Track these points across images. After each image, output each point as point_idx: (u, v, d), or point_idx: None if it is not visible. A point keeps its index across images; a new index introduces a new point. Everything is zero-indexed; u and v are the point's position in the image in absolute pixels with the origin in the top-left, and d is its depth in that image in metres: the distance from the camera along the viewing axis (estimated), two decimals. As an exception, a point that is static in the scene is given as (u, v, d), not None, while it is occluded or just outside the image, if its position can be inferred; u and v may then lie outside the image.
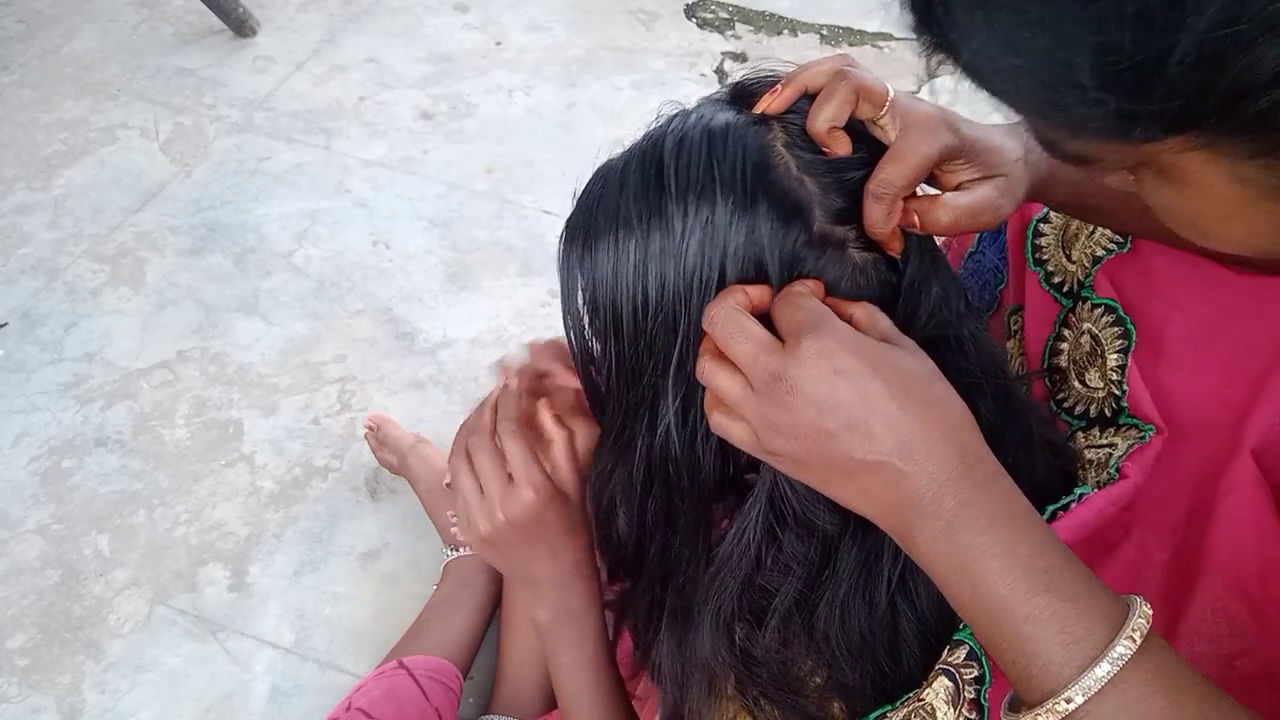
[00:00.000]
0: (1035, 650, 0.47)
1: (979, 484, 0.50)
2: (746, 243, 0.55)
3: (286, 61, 1.95)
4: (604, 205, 0.58)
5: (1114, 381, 0.70)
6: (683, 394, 0.59)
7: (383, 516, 1.29)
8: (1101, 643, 0.46)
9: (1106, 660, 0.45)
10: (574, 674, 0.74)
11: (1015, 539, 0.49)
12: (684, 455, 0.60)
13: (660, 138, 0.58)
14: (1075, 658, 0.46)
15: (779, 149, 0.56)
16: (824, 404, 0.50)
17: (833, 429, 0.50)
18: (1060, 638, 0.46)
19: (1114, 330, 0.71)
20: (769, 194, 0.55)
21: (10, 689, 1.14)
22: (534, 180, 1.72)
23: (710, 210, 0.55)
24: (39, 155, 1.76)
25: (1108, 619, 0.47)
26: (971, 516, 0.49)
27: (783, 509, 0.59)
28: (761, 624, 0.61)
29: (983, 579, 0.48)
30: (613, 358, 0.60)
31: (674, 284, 0.56)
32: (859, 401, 0.50)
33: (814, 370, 0.50)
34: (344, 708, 0.98)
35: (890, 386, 0.50)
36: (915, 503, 0.50)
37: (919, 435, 0.50)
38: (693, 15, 2.07)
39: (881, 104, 0.57)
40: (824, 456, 0.51)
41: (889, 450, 0.50)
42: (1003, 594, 0.48)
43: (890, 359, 0.51)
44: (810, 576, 0.60)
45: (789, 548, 0.60)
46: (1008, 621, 0.48)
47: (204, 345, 1.47)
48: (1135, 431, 0.68)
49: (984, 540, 0.49)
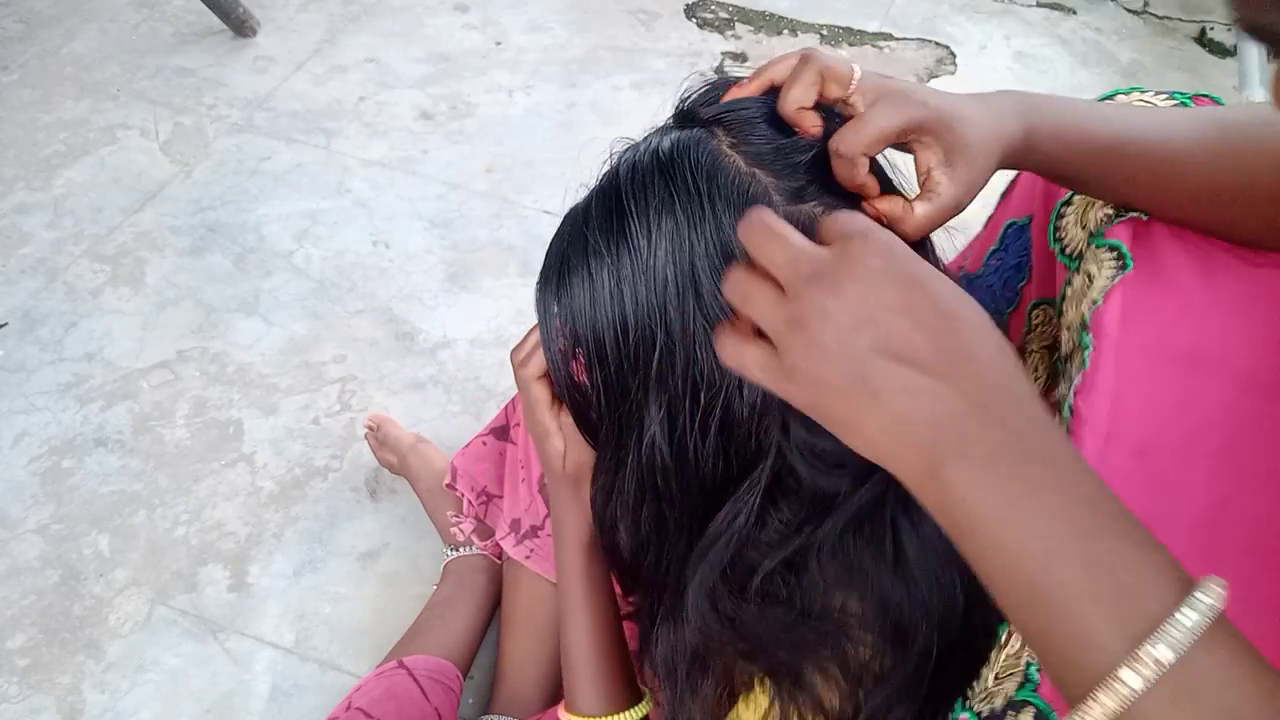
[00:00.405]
0: (1100, 601, 0.39)
1: (1027, 417, 0.43)
2: (712, 242, 0.57)
3: (286, 61, 1.95)
4: (572, 243, 0.61)
5: (1092, 301, 0.68)
6: (666, 404, 0.60)
7: (383, 516, 1.29)
8: (1178, 597, 0.38)
9: (1193, 609, 0.37)
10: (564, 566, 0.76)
11: (1071, 476, 0.41)
12: (672, 465, 0.62)
13: (615, 171, 0.60)
14: (1151, 610, 0.38)
15: (725, 150, 0.58)
16: (865, 308, 0.44)
17: (869, 336, 0.44)
18: (1134, 586, 0.38)
19: (1113, 264, 0.71)
20: (724, 193, 0.57)
21: (10, 689, 1.14)
22: (534, 180, 1.72)
23: (672, 221, 0.57)
24: (39, 155, 1.76)
25: (1179, 576, 0.39)
26: (1020, 448, 0.42)
27: (789, 484, 0.60)
28: (747, 590, 0.62)
29: (1033, 517, 0.40)
30: (600, 385, 0.62)
31: (647, 299, 0.58)
32: (903, 309, 0.44)
33: (859, 269, 0.45)
34: (344, 707, 0.98)
35: (939, 301, 0.44)
36: (954, 427, 0.42)
37: (966, 354, 0.44)
38: (693, 15, 2.07)
39: (847, 83, 0.59)
40: (853, 373, 0.44)
41: (932, 364, 0.43)
42: (1058, 534, 0.40)
43: (941, 280, 0.46)
44: (805, 537, 0.60)
45: (783, 517, 0.60)
46: (1065, 568, 0.39)
47: (204, 345, 1.47)
48: (1080, 353, 0.66)
49: (1037, 473, 0.41)
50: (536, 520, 1.07)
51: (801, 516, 0.60)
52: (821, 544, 0.60)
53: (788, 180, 0.58)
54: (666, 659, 0.67)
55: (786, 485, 0.60)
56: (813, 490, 0.59)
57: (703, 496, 0.63)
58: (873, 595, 0.60)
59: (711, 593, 0.63)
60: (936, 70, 1.94)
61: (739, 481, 0.62)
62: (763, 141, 0.59)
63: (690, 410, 0.60)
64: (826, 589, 0.60)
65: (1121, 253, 0.70)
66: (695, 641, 0.64)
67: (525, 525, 1.08)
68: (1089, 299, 0.69)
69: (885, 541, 0.60)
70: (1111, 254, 0.71)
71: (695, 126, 0.60)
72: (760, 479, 0.60)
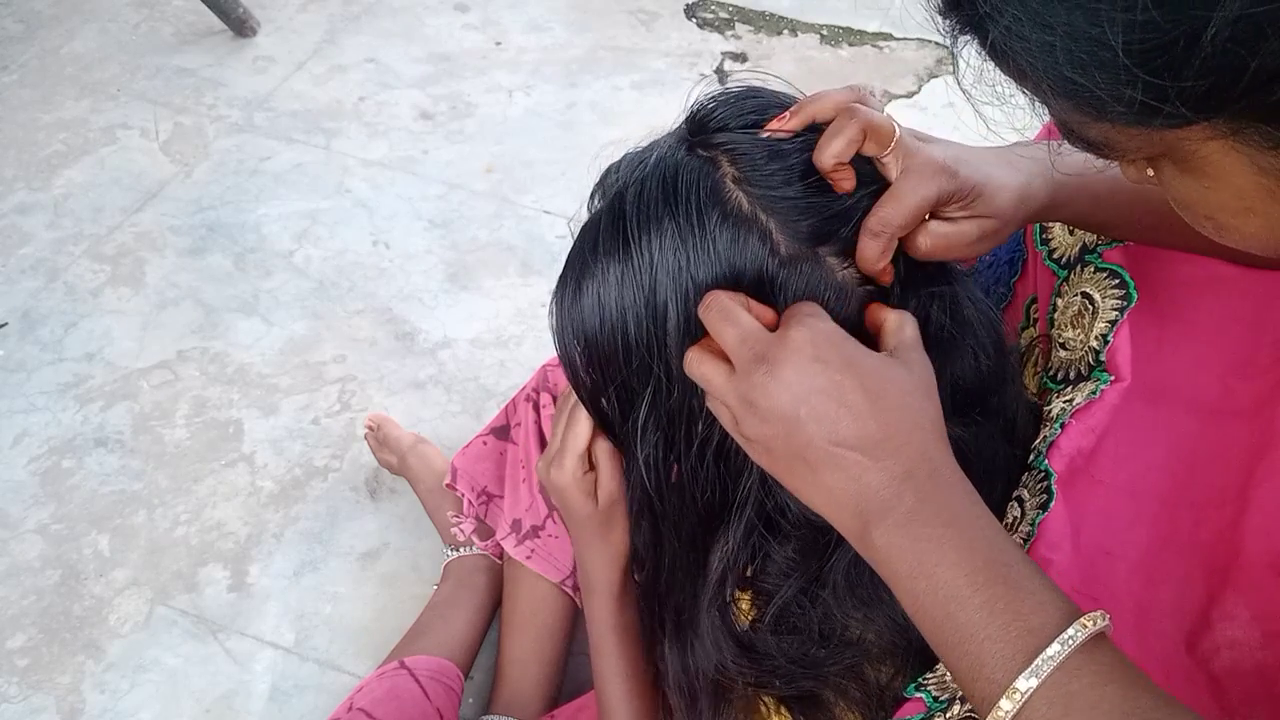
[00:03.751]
0: (988, 640, 0.46)
1: (940, 484, 0.51)
2: (708, 280, 0.57)
3: (286, 61, 1.95)
4: (580, 257, 0.62)
5: (1100, 336, 0.70)
6: (664, 428, 0.62)
7: (383, 516, 1.29)
8: (1054, 631, 0.46)
9: (1058, 641, 0.45)
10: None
11: (973, 534, 0.49)
12: (666, 486, 0.63)
13: (623, 188, 0.61)
14: (1029, 646, 0.46)
15: (728, 185, 0.58)
16: (798, 390, 0.51)
17: (802, 415, 0.51)
18: (1015, 626, 0.46)
19: (1115, 292, 0.71)
20: (724, 233, 0.57)
21: (10, 689, 1.14)
22: (534, 180, 1.72)
23: (672, 254, 0.57)
24: (39, 155, 1.76)
25: (1061, 612, 0.47)
26: (930, 512, 0.50)
27: (776, 517, 0.61)
28: (764, 619, 0.63)
29: (937, 571, 0.49)
30: (613, 395, 0.63)
31: (648, 321, 0.59)
32: (831, 392, 0.51)
33: (795, 356, 0.52)
34: (346, 708, 0.98)
35: (865, 384, 0.51)
36: (875, 496, 0.50)
37: (885, 433, 0.51)
38: (693, 15, 2.07)
39: (888, 143, 0.58)
40: (792, 445, 0.52)
41: (854, 443, 0.51)
42: (958, 584, 0.48)
43: (869, 361, 0.53)
44: (812, 572, 0.61)
45: (788, 549, 0.61)
46: (961, 612, 0.48)
47: (204, 345, 1.47)
48: (1095, 384, 0.68)
49: (941, 533, 0.49)
50: (537, 520, 1.07)
51: (805, 549, 0.61)
52: (834, 575, 0.61)
53: (790, 222, 0.57)
54: (681, 684, 0.68)
55: (783, 516, 0.61)
56: (807, 522, 0.60)
57: (699, 520, 0.64)
58: (890, 623, 0.61)
59: (724, 620, 0.64)
60: (936, 70, 1.94)
61: (733, 509, 0.63)
62: (775, 181, 0.58)
63: (686, 438, 0.61)
64: (845, 618, 0.61)
65: (1124, 280, 0.71)
66: (711, 669, 0.65)
67: (526, 525, 1.08)
68: (1096, 331, 0.70)
69: None
70: (1113, 280, 0.71)
71: (705, 147, 0.59)
72: (746, 503, 0.61)
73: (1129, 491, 0.65)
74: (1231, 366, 0.67)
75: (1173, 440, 0.67)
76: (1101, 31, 0.37)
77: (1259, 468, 0.64)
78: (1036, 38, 0.39)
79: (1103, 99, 0.39)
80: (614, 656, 0.76)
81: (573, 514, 0.73)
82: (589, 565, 0.75)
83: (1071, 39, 0.38)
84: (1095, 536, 0.63)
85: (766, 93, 0.61)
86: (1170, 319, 0.69)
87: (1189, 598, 0.62)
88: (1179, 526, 0.65)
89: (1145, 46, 0.37)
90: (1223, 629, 0.61)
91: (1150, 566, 0.63)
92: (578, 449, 0.70)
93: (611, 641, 0.76)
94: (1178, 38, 0.36)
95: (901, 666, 0.62)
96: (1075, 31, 0.38)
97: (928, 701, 0.60)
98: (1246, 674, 0.59)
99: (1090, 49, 0.38)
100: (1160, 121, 0.39)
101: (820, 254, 0.57)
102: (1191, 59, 0.36)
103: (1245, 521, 0.63)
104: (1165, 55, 0.36)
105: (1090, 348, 0.70)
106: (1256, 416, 0.65)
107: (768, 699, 0.65)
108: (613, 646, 0.76)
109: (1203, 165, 0.42)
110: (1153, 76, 0.37)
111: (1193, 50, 0.36)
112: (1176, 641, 0.61)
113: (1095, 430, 0.66)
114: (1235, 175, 0.41)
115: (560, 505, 0.73)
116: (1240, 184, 0.42)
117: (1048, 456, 0.65)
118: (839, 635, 0.62)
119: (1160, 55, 0.36)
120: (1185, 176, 0.44)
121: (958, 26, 0.43)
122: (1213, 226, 0.46)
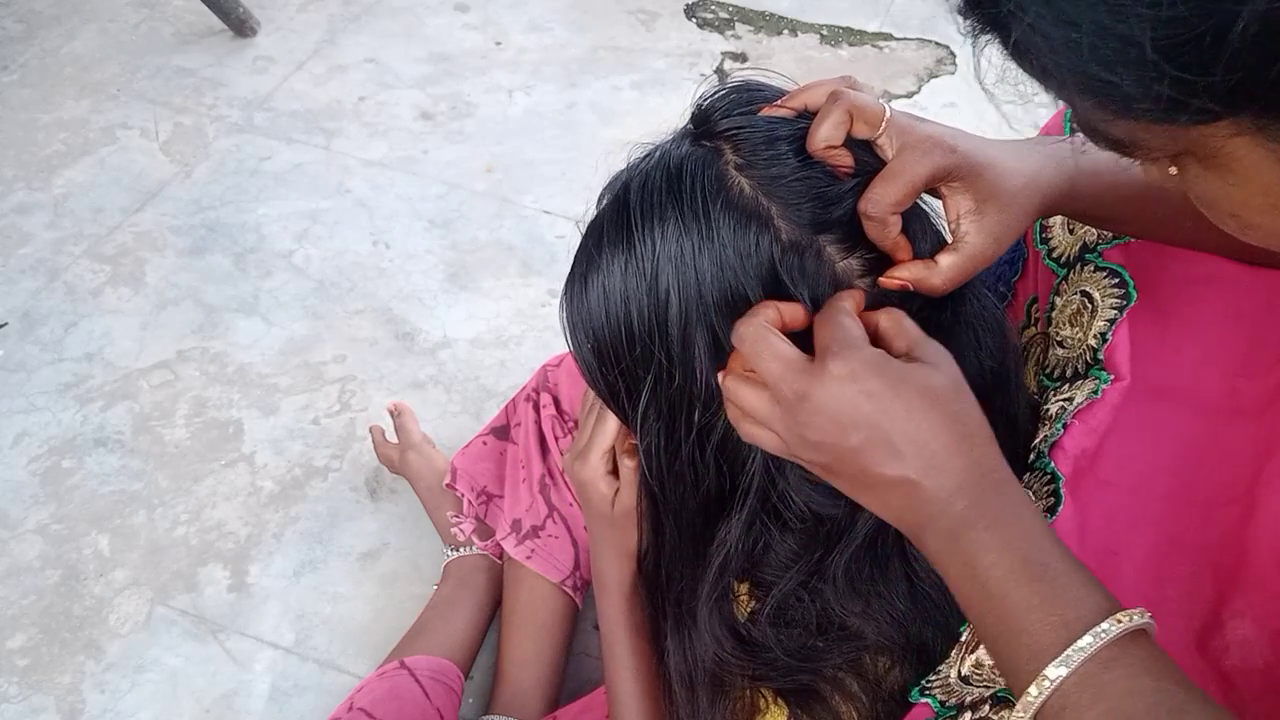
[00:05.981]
0: (1024, 634, 0.48)
1: (988, 489, 0.53)
2: (712, 268, 0.57)
3: (286, 61, 1.95)
4: (586, 252, 0.63)
5: (1098, 334, 0.70)
6: (665, 415, 0.62)
7: (383, 516, 1.29)
8: (1089, 625, 0.47)
9: (1090, 634, 0.47)
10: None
11: (1015, 535, 0.51)
12: (668, 474, 0.64)
13: (627, 182, 0.62)
14: (1062, 638, 0.47)
15: (731, 173, 0.58)
16: (847, 423, 0.53)
17: (856, 446, 0.53)
18: (1051, 620, 0.48)
19: (1115, 291, 0.71)
20: (728, 220, 0.57)
21: (10, 689, 1.14)
22: (534, 180, 1.72)
23: (675, 242, 0.58)
24: (39, 155, 1.76)
25: (1099, 607, 0.48)
26: (976, 517, 0.52)
27: (791, 509, 0.60)
28: (763, 612, 0.63)
29: (982, 571, 0.51)
30: (619, 383, 0.64)
31: (651, 315, 0.59)
32: (881, 421, 0.53)
33: (838, 390, 0.53)
34: (346, 708, 0.98)
35: (911, 407, 0.53)
36: (930, 509, 0.53)
37: (936, 453, 0.53)
38: (693, 15, 2.07)
39: (877, 123, 0.59)
40: (849, 469, 0.54)
41: (908, 467, 0.53)
42: (1000, 582, 0.50)
43: (912, 379, 0.53)
44: (813, 564, 0.61)
45: (789, 542, 0.61)
46: (1003, 608, 0.50)
47: (204, 345, 1.47)
48: (1094, 383, 0.68)
49: (985, 537, 0.51)
50: (537, 520, 1.07)
51: (806, 541, 0.62)
52: (834, 569, 0.61)
53: (795, 207, 0.57)
54: (682, 674, 0.69)
55: (786, 508, 0.61)
56: (811, 514, 0.60)
57: (700, 509, 0.64)
58: (889, 618, 0.61)
59: (723, 612, 0.64)
60: (936, 70, 1.94)
61: (736, 499, 0.63)
62: (775, 166, 0.58)
63: (686, 425, 0.61)
64: (844, 611, 0.62)
65: (1124, 279, 0.71)
66: (711, 662, 0.66)
67: (526, 525, 1.08)
68: (1095, 329, 0.70)
69: (896, 565, 0.62)
70: (1112, 280, 0.71)
71: (709, 138, 0.60)
72: (750, 492, 0.61)
73: (1134, 491, 0.66)
74: (1236, 365, 0.67)
75: (1177, 439, 0.67)
76: (1128, 27, 0.37)
77: (1266, 467, 0.64)
78: (1060, 35, 0.39)
79: (1129, 96, 0.39)
80: (626, 654, 0.77)
81: (592, 509, 0.74)
82: (603, 562, 0.75)
83: (1097, 36, 0.38)
84: (1100, 537, 0.63)
85: (767, 86, 0.62)
86: (1171, 318, 0.69)
87: (1198, 597, 0.62)
88: (1186, 526, 0.65)
89: (1173, 42, 0.36)
90: (1233, 627, 0.62)
91: (1158, 566, 0.64)
92: (603, 446, 0.71)
93: (623, 639, 0.76)
94: (1206, 32, 0.35)
95: (899, 659, 0.62)
96: (1100, 28, 0.38)
97: (935, 707, 0.60)
98: (1257, 672, 0.59)
99: (1116, 45, 0.38)
100: (1187, 118, 0.39)
101: (821, 242, 0.58)
102: (1220, 53, 0.36)
103: (1253, 520, 0.63)
104: (1193, 50, 0.36)
105: (1088, 346, 0.70)
106: (1263, 415, 0.65)
107: (766, 691, 0.66)
108: (625, 644, 0.77)
109: (1228, 162, 0.42)
110: (1181, 72, 0.37)
111: (1221, 44, 0.35)
112: (1187, 640, 0.62)
113: (1098, 430, 0.66)
114: (1261, 172, 0.41)
115: (581, 499, 0.74)
116: (1266, 180, 0.41)
117: (1053, 459, 0.65)
118: (837, 629, 0.62)
119: (1188, 50, 0.36)
120: (1210, 174, 0.44)
121: (979, 25, 0.43)
122: (1236, 224, 0.46)
